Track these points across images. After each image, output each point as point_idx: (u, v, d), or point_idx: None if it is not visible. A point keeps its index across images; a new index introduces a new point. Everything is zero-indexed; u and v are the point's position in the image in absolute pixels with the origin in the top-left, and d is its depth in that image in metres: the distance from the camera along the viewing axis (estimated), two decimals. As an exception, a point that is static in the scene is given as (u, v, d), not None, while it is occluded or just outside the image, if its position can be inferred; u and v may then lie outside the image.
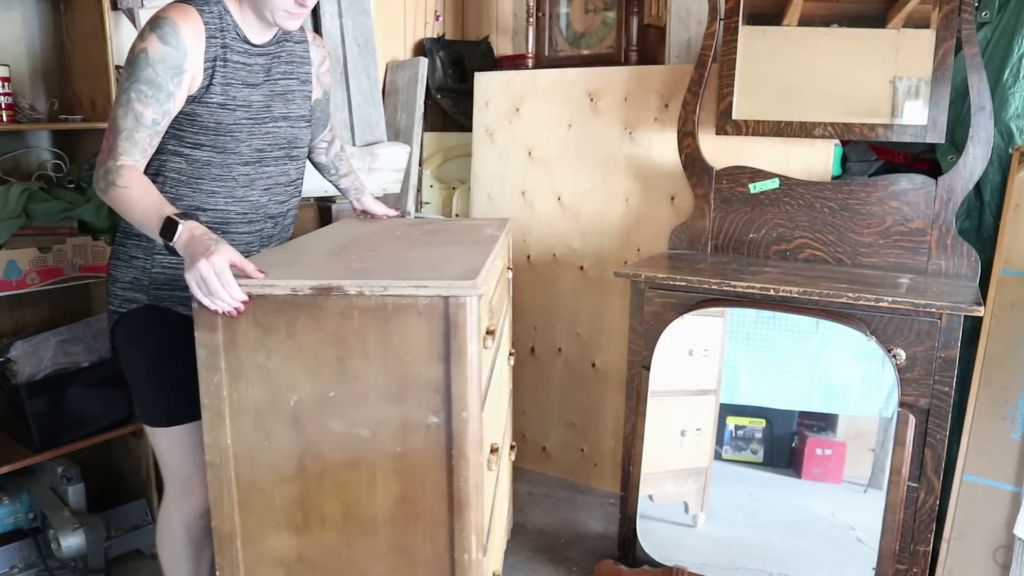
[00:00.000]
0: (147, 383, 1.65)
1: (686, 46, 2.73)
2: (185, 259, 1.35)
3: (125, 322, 1.64)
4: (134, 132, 1.46)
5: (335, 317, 1.35)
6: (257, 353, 1.37)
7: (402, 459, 1.41)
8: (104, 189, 1.45)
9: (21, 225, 2.09)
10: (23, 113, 2.27)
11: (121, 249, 1.66)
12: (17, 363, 2.11)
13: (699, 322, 2.13)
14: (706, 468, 2.18)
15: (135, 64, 1.46)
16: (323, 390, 1.38)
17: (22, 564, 2.25)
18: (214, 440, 1.41)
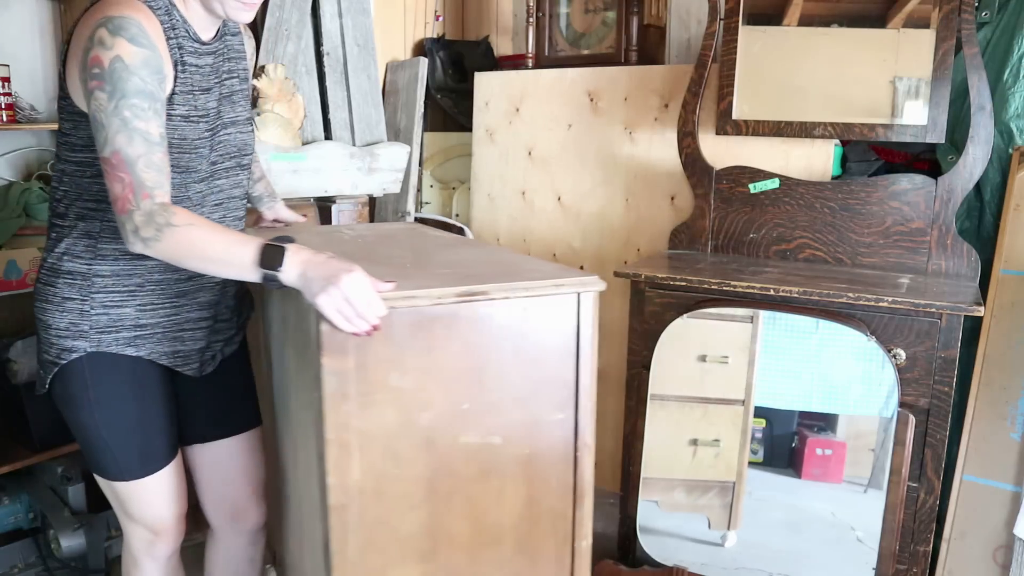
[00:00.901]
0: (107, 437, 1.44)
1: (686, 46, 2.73)
2: (312, 284, 1.20)
3: (65, 375, 1.41)
4: (151, 156, 1.23)
5: (472, 325, 1.28)
6: (390, 374, 1.26)
7: (529, 461, 1.37)
8: (155, 238, 1.21)
9: (21, 225, 2.09)
10: (23, 113, 2.27)
11: (49, 291, 1.41)
12: (17, 363, 2.12)
13: (711, 327, 2.10)
14: (734, 483, 2.12)
15: (113, 77, 1.22)
16: (457, 403, 1.30)
17: (22, 564, 2.25)
18: (340, 480, 1.26)
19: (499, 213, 2.96)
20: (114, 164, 1.22)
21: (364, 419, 1.25)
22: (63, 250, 1.40)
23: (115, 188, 1.23)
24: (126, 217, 1.23)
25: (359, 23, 2.74)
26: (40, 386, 1.48)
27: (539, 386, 1.35)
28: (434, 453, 1.30)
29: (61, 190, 1.41)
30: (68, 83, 1.33)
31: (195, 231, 1.23)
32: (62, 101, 1.36)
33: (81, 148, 1.35)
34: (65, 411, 1.46)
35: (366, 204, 2.78)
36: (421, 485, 1.31)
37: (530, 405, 1.35)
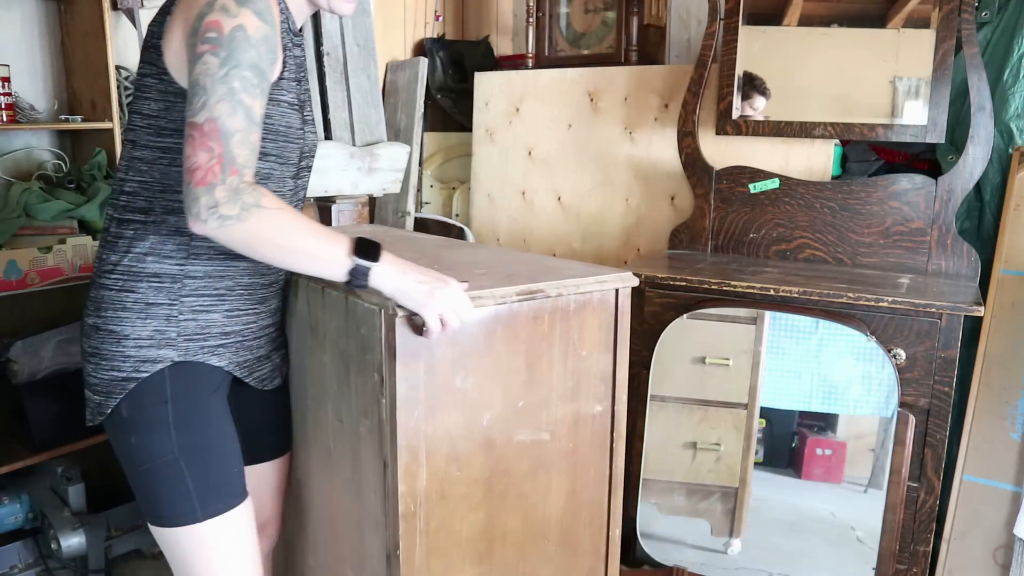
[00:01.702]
0: (185, 465, 1.25)
1: (686, 46, 2.73)
2: (415, 288, 1.15)
3: (141, 393, 1.24)
4: (249, 134, 1.11)
5: (528, 323, 1.31)
6: (455, 376, 1.26)
7: (572, 454, 1.41)
8: (238, 217, 1.08)
9: (21, 225, 2.09)
10: (23, 113, 2.27)
11: (126, 297, 1.25)
12: (17, 363, 2.11)
13: (712, 328, 2.10)
14: (737, 489, 2.11)
15: (231, 44, 1.09)
16: (513, 401, 1.33)
17: (22, 564, 2.25)
18: (410, 487, 1.25)
19: (499, 213, 2.96)
20: (205, 132, 1.07)
21: (432, 423, 1.25)
22: (146, 250, 1.24)
23: (198, 157, 1.07)
24: (204, 189, 1.06)
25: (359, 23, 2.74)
26: (95, 414, 1.28)
27: (582, 380, 1.40)
28: (492, 453, 1.32)
29: (136, 181, 1.25)
30: (165, 56, 1.19)
31: (285, 215, 1.12)
32: (149, 79, 1.22)
33: (172, 132, 1.21)
34: (133, 437, 1.26)
35: (366, 204, 2.78)
36: (480, 486, 1.32)
37: (575, 400, 1.40)
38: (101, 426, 1.31)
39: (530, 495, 1.38)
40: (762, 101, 2.30)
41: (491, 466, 1.32)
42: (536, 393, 1.35)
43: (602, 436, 1.45)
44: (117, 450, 1.31)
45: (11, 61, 2.21)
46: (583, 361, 1.39)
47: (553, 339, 1.35)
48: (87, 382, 1.29)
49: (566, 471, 1.41)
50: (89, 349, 1.27)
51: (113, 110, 2.23)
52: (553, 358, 1.36)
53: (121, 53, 2.44)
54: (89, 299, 1.29)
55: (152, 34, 1.22)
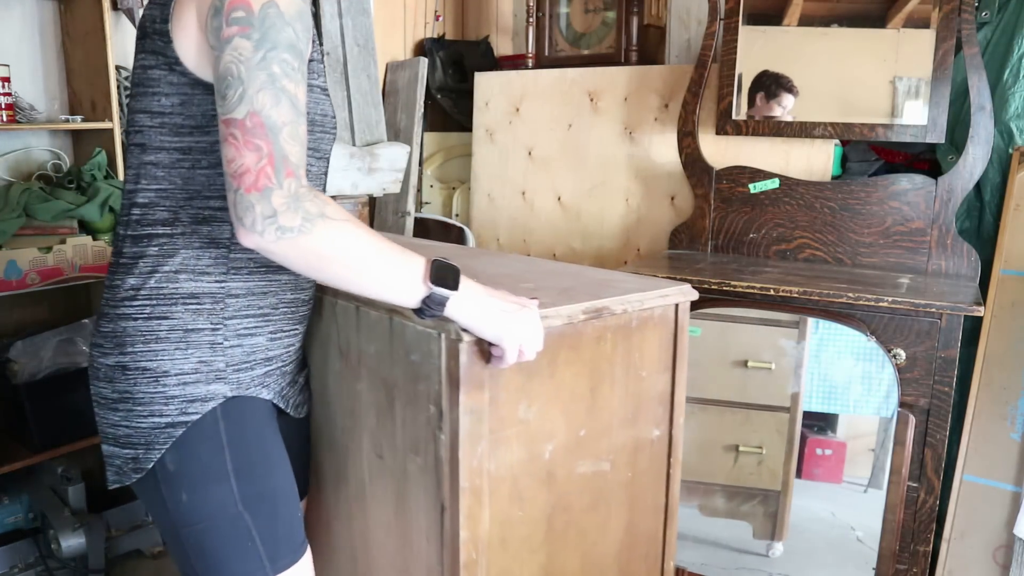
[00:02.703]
0: (250, 519, 1.08)
1: (686, 46, 2.72)
2: (498, 318, 1.03)
3: (190, 440, 1.06)
4: (297, 126, 0.94)
5: (592, 343, 1.20)
6: (518, 405, 1.14)
7: (631, 484, 1.32)
8: (300, 229, 0.92)
9: (21, 225, 2.09)
10: (23, 113, 2.27)
11: (158, 325, 1.05)
12: (17, 363, 2.11)
13: (753, 332, 2.08)
14: (779, 493, 2.07)
15: (265, 23, 0.93)
16: (575, 430, 1.22)
17: (22, 564, 2.25)
18: (472, 533, 1.12)
19: (499, 213, 2.96)
20: (248, 128, 0.91)
21: (495, 459, 1.13)
22: (176, 267, 1.06)
23: (245, 158, 0.90)
24: (258, 196, 0.90)
25: (359, 23, 2.74)
26: (126, 473, 1.08)
27: (641, 403, 1.30)
28: (554, 488, 1.21)
29: (153, 190, 1.07)
30: (177, 44, 1.02)
31: (352, 228, 0.95)
32: (155, 71, 1.05)
33: (192, 130, 1.05)
34: (184, 494, 1.06)
35: (366, 204, 2.78)
36: (541, 526, 1.21)
37: (634, 425, 1.30)
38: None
39: (590, 532, 1.28)
40: (791, 99, 2.24)
41: (552, 502, 1.21)
42: (598, 420, 1.24)
43: (659, 463, 1.35)
44: (157, 511, 1.10)
45: (11, 61, 2.21)
46: (643, 383, 1.29)
47: (615, 360, 1.24)
48: (110, 435, 1.09)
49: (625, 503, 1.31)
50: (113, 395, 1.07)
51: (113, 110, 2.23)
52: (615, 380, 1.25)
53: (121, 53, 2.44)
54: (102, 335, 1.08)
55: (152, 19, 1.05)
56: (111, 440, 1.09)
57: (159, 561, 2.42)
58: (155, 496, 1.08)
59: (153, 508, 1.11)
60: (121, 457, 1.09)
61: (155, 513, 1.11)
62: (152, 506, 1.11)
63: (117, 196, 2.20)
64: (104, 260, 2.21)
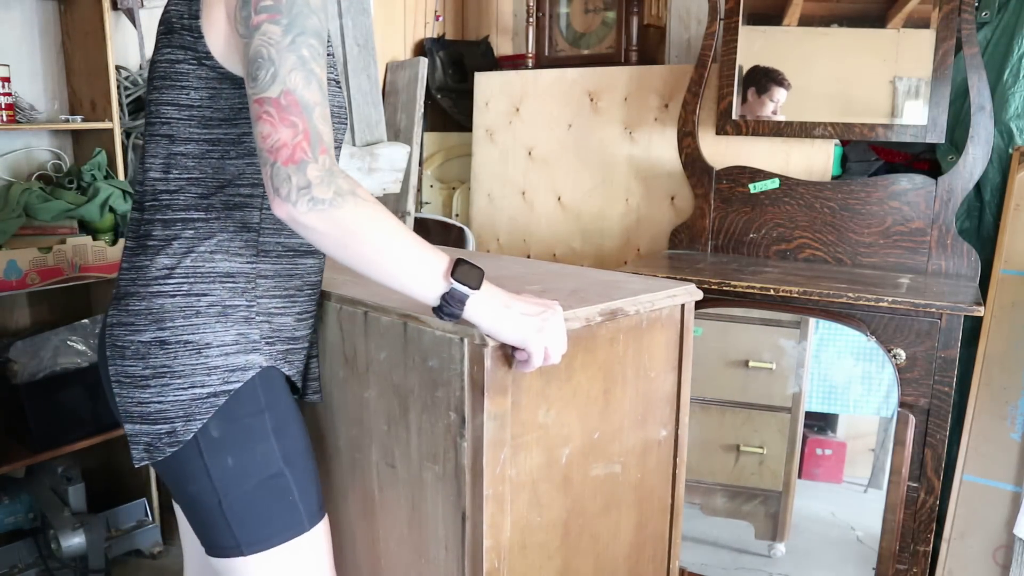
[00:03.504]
0: (291, 476, 1.13)
1: (686, 46, 2.72)
2: (522, 322, 1.03)
3: (232, 406, 1.10)
4: (325, 108, 0.98)
5: (606, 345, 1.21)
6: (538, 409, 1.14)
7: (640, 485, 1.33)
8: (332, 202, 0.94)
9: (21, 225, 2.09)
10: (23, 113, 2.27)
11: (197, 301, 1.10)
12: (17, 363, 2.11)
13: (754, 332, 2.08)
14: (780, 494, 2.08)
15: (292, 10, 0.96)
16: (590, 433, 1.22)
17: (22, 564, 2.25)
18: (495, 541, 1.11)
19: (499, 213, 2.96)
20: (283, 105, 0.93)
21: (515, 465, 1.12)
22: (212, 247, 1.10)
23: (281, 133, 0.93)
24: (294, 168, 0.92)
25: (359, 23, 2.74)
26: (159, 447, 1.09)
27: (650, 404, 1.31)
28: (570, 493, 1.22)
29: (184, 179, 1.11)
30: (208, 39, 1.06)
31: (381, 211, 0.97)
32: (184, 65, 1.08)
33: (221, 123, 1.09)
34: (230, 458, 1.10)
35: (366, 204, 2.77)
36: (558, 531, 1.21)
37: (644, 426, 1.31)
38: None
39: (602, 534, 1.28)
40: (783, 93, 2.24)
41: (568, 507, 1.22)
42: (611, 422, 1.25)
43: (666, 463, 1.36)
44: (195, 483, 1.11)
45: (11, 61, 2.21)
46: (652, 383, 1.30)
47: (627, 361, 1.25)
48: (136, 414, 1.10)
49: (635, 504, 1.32)
50: (146, 371, 1.09)
51: (113, 110, 2.23)
52: (627, 381, 1.26)
53: (121, 53, 2.44)
54: (131, 314, 1.10)
55: (180, 14, 1.08)
56: (137, 419, 1.10)
57: (159, 561, 2.42)
58: (193, 467, 1.10)
59: (189, 481, 1.11)
60: (151, 434, 1.10)
61: (192, 485, 1.11)
62: (188, 479, 1.11)
63: (117, 196, 2.19)
64: (104, 260, 2.21)
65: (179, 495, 1.16)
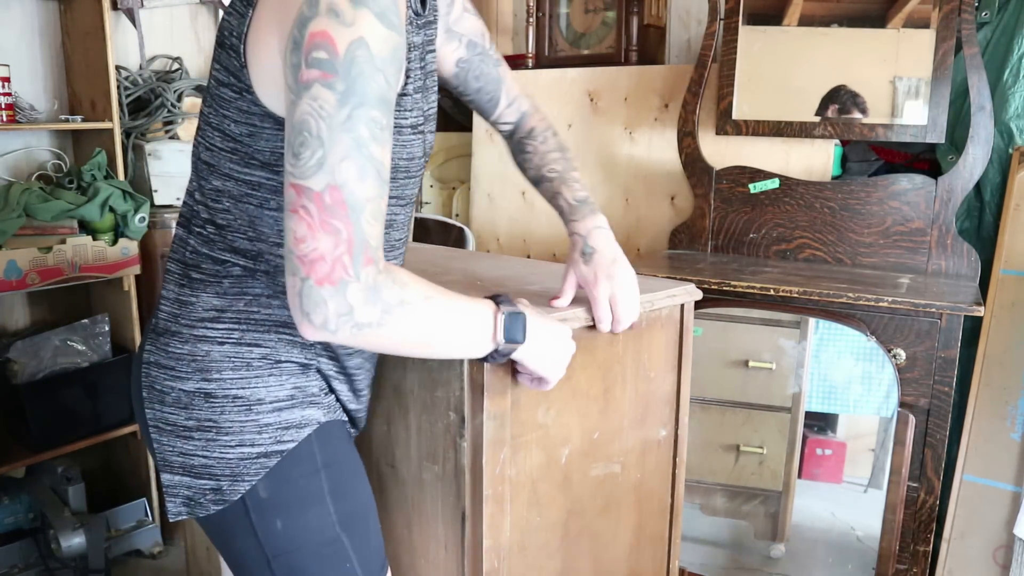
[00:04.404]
0: (348, 540, 1.02)
1: (686, 46, 2.72)
2: (549, 354, 1.01)
3: (291, 463, 0.98)
4: (380, 201, 0.82)
5: (605, 345, 1.22)
6: (537, 409, 1.14)
7: (640, 486, 1.33)
8: (379, 323, 0.82)
9: (21, 225, 2.09)
10: (23, 113, 2.27)
11: (248, 352, 0.97)
12: (17, 363, 2.11)
13: (754, 332, 2.08)
14: (780, 494, 2.08)
15: (352, 71, 0.79)
16: (590, 433, 1.23)
17: (22, 564, 2.25)
18: (495, 541, 1.11)
19: (499, 213, 2.96)
20: (326, 205, 0.78)
21: (515, 465, 1.12)
22: (268, 291, 0.98)
23: (320, 242, 0.78)
24: (331, 291, 0.79)
25: (359, 23, 2.74)
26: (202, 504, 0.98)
27: (650, 404, 1.32)
28: (569, 493, 1.22)
29: (230, 216, 0.97)
30: (251, 69, 0.89)
31: (427, 308, 0.87)
32: (227, 91, 0.92)
33: (262, 166, 0.93)
34: (279, 521, 0.99)
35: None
36: (558, 531, 1.21)
37: (643, 426, 1.31)
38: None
39: (602, 535, 1.28)
40: (859, 117, 2.21)
41: (568, 507, 1.22)
42: (610, 421, 1.25)
43: (666, 463, 1.36)
44: (241, 541, 1.00)
45: (11, 61, 2.21)
46: (651, 383, 1.30)
47: (626, 361, 1.25)
48: (177, 464, 0.99)
49: (634, 505, 1.32)
50: (189, 423, 0.97)
51: (113, 110, 2.23)
52: (626, 381, 1.26)
53: (121, 53, 2.44)
54: (171, 356, 0.98)
55: (230, 29, 0.91)
56: (179, 469, 0.99)
57: (159, 561, 2.42)
58: (239, 525, 0.99)
59: (235, 539, 1.01)
60: (194, 488, 0.99)
61: (238, 543, 1.01)
62: (233, 537, 1.01)
63: (117, 196, 2.19)
64: (104, 260, 2.21)
65: (222, 548, 1.05)
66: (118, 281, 2.27)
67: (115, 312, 2.34)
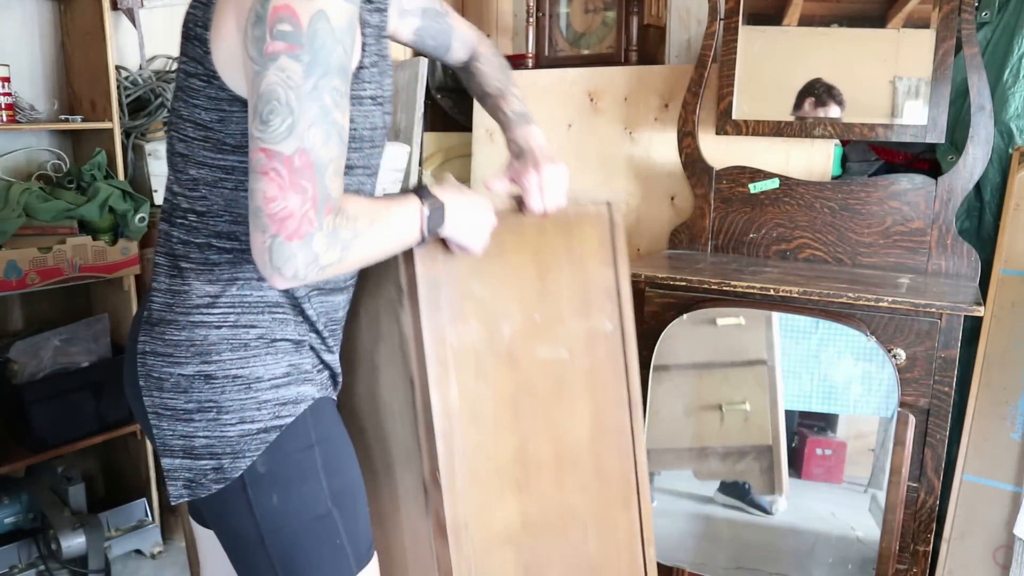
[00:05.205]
0: (339, 516, 1.07)
1: (686, 46, 2.73)
2: (469, 230, 1.11)
3: (288, 438, 1.03)
4: (341, 161, 0.91)
5: (534, 232, 1.33)
6: (472, 283, 1.22)
7: (591, 373, 1.41)
8: (341, 258, 0.91)
9: (21, 225, 2.09)
10: (23, 113, 2.27)
11: (245, 333, 1.03)
12: (17, 363, 2.12)
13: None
14: (771, 446, 2.08)
15: (315, 42, 0.85)
16: (530, 314, 1.32)
17: (22, 564, 2.25)
18: (443, 401, 1.17)
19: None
20: (295, 168, 0.85)
21: (456, 333, 1.20)
22: (256, 274, 1.02)
23: (289, 201, 0.85)
24: (300, 244, 0.86)
25: (359, 23, 2.74)
26: (203, 484, 1.02)
27: (591, 296, 1.41)
28: (517, 371, 1.28)
29: (210, 201, 1.02)
30: (215, 55, 0.95)
31: (375, 231, 0.96)
32: (196, 81, 0.97)
33: (233, 149, 0.99)
34: (275, 496, 1.03)
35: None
36: (509, 406, 1.27)
37: (587, 316, 1.40)
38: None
39: (558, 418, 1.35)
40: (837, 111, 2.23)
41: (517, 384, 1.28)
42: (550, 306, 1.34)
43: (616, 356, 1.44)
44: (238, 520, 1.04)
45: (11, 61, 2.21)
46: (589, 275, 1.41)
47: (559, 249, 1.36)
48: (178, 447, 1.03)
49: (588, 391, 1.39)
50: (189, 405, 1.01)
51: (113, 110, 2.23)
52: (562, 268, 1.36)
53: (121, 53, 2.44)
54: (168, 344, 1.02)
55: (195, 20, 0.97)
56: (180, 452, 1.03)
57: (159, 561, 2.42)
58: (237, 503, 1.03)
59: (231, 518, 1.05)
60: (195, 469, 1.02)
61: (233, 522, 1.05)
62: (229, 516, 1.05)
63: (117, 196, 2.20)
64: (104, 260, 2.21)
65: (219, 529, 1.09)
66: (118, 281, 2.27)
67: (115, 312, 2.34)
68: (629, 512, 1.47)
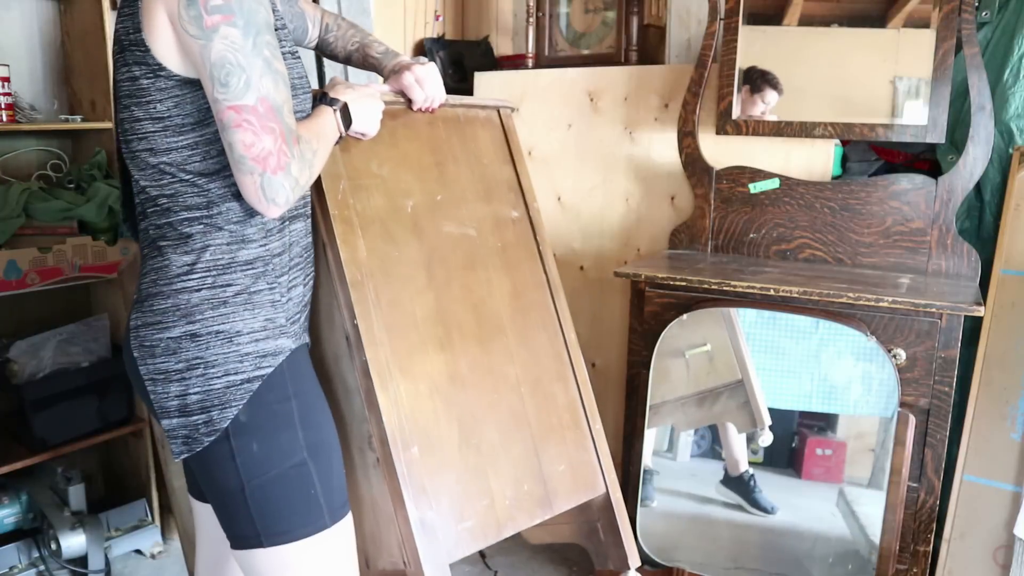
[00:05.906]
0: (314, 466, 1.16)
1: (686, 46, 2.72)
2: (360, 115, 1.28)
3: (267, 389, 1.14)
4: (290, 100, 1.08)
5: (425, 126, 1.49)
6: (370, 162, 1.40)
7: (504, 252, 1.55)
8: (311, 175, 1.11)
9: (21, 225, 2.09)
10: (23, 113, 2.27)
11: (223, 292, 1.13)
12: (17, 363, 2.11)
13: None
14: (740, 380, 2.06)
15: (244, 8, 1.01)
16: (431, 194, 1.47)
17: (22, 564, 2.25)
18: (352, 254, 1.32)
19: (499, 213, 2.96)
20: (261, 113, 1.01)
21: (359, 201, 1.36)
22: (227, 239, 1.13)
23: (265, 142, 1.02)
24: (284, 175, 1.04)
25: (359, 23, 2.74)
26: (197, 437, 1.13)
27: (492, 186, 1.57)
28: (424, 240, 1.43)
29: (177, 182, 1.12)
30: (155, 50, 1.06)
31: (319, 141, 1.15)
32: (143, 81, 1.09)
33: (193, 127, 1.10)
34: (255, 444, 1.13)
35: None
36: (421, 270, 1.41)
37: (490, 202, 1.56)
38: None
39: (475, 288, 1.48)
40: (774, 95, 2.27)
41: (427, 252, 1.43)
42: (451, 190, 1.49)
43: (527, 240, 1.60)
44: (222, 469, 1.13)
45: (11, 61, 2.21)
46: (486, 168, 1.57)
47: (453, 144, 1.52)
48: (174, 407, 1.13)
49: (503, 269, 1.53)
50: (179, 365, 1.12)
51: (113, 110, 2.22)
52: (459, 161, 1.52)
53: (121, 53, 2.43)
54: (158, 313, 1.13)
55: (126, 31, 1.09)
56: (176, 412, 1.13)
57: (159, 561, 2.42)
58: (221, 451, 1.13)
59: (216, 469, 1.14)
60: (190, 425, 1.13)
61: (219, 473, 1.14)
62: (215, 467, 1.14)
63: (117, 196, 2.19)
64: (104, 260, 2.21)
65: (207, 484, 1.18)
66: (118, 281, 2.27)
67: (115, 312, 2.34)
68: (566, 385, 1.58)
